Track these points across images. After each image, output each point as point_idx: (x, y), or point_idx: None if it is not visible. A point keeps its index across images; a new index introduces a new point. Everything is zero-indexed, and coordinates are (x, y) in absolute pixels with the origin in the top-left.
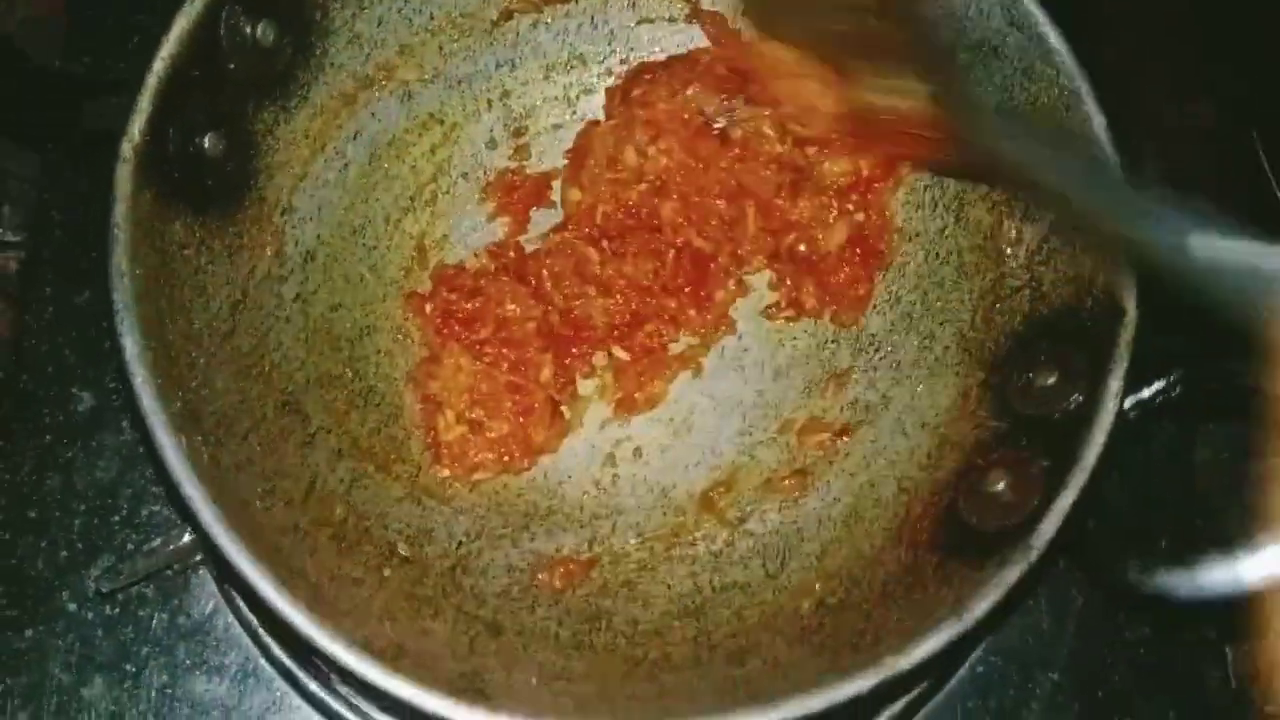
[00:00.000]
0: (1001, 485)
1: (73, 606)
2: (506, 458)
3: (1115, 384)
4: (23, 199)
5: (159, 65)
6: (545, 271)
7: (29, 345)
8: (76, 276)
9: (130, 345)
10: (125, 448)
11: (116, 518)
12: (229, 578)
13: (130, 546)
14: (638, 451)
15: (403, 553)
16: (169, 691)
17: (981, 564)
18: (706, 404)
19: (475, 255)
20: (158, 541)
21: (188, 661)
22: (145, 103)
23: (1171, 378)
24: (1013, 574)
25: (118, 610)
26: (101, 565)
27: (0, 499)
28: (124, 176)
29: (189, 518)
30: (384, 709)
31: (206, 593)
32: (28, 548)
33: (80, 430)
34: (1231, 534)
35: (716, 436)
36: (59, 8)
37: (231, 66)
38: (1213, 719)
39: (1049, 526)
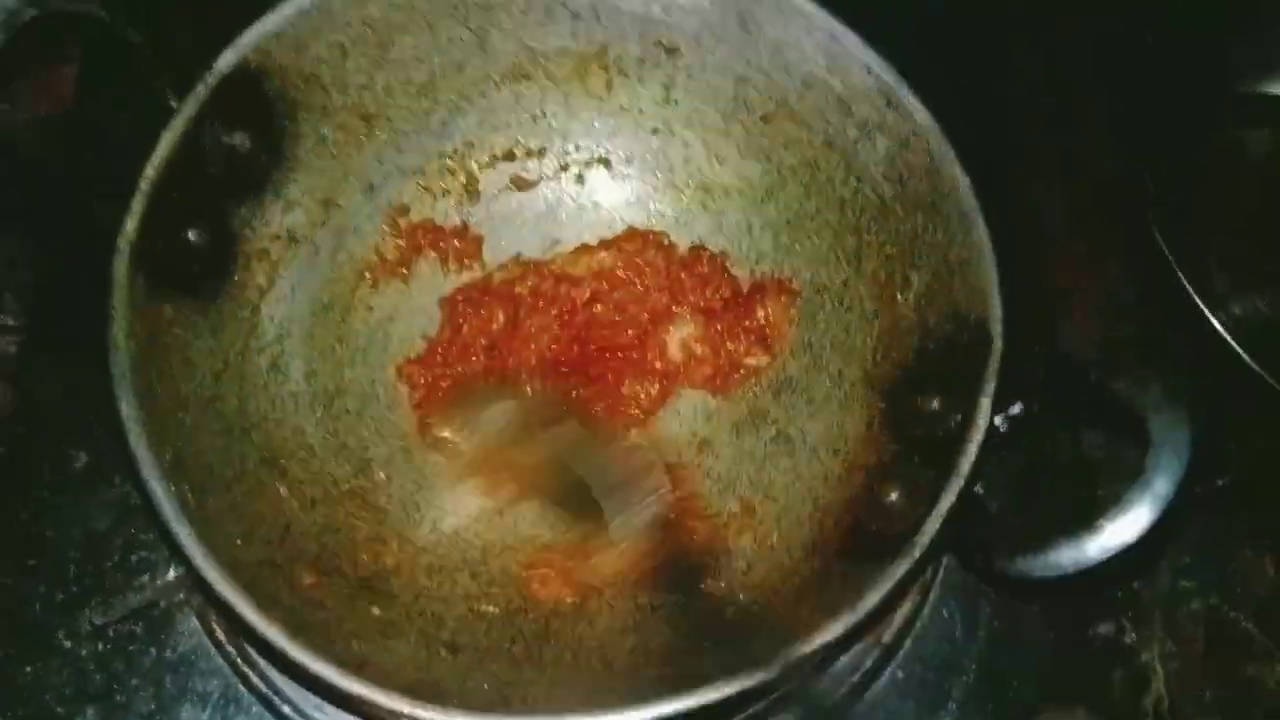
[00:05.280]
0: (895, 496)
1: (68, 644)
2: None
3: (985, 404)
4: (22, 287)
5: (150, 172)
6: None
7: (30, 408)
8: (73, 349)
9: (125, 408)
10: (117, 501)
11: (109, 563)
12: (214, 604)
13: (121, 590)
14: None
15: (371, 585)
16: (156, 718)
17: (879, 564)
18: (644, 446)
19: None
20: (146, 577)
21: (174, 691)
22: (138, 204)
23: (1032, 397)
24: (900, 570)
25: (109, 647)
26: (94, 605)
27: (3, 550)
28: (120, 266)
29: (177, 553)
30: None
31: (191, 629)
32: (27, 592)
33: (76, 485)
34: (1077, 522)
35: (654, 473)
36: (60, 106)
37: (212, 170)
38: (1117, 714)
39: (931, 528)
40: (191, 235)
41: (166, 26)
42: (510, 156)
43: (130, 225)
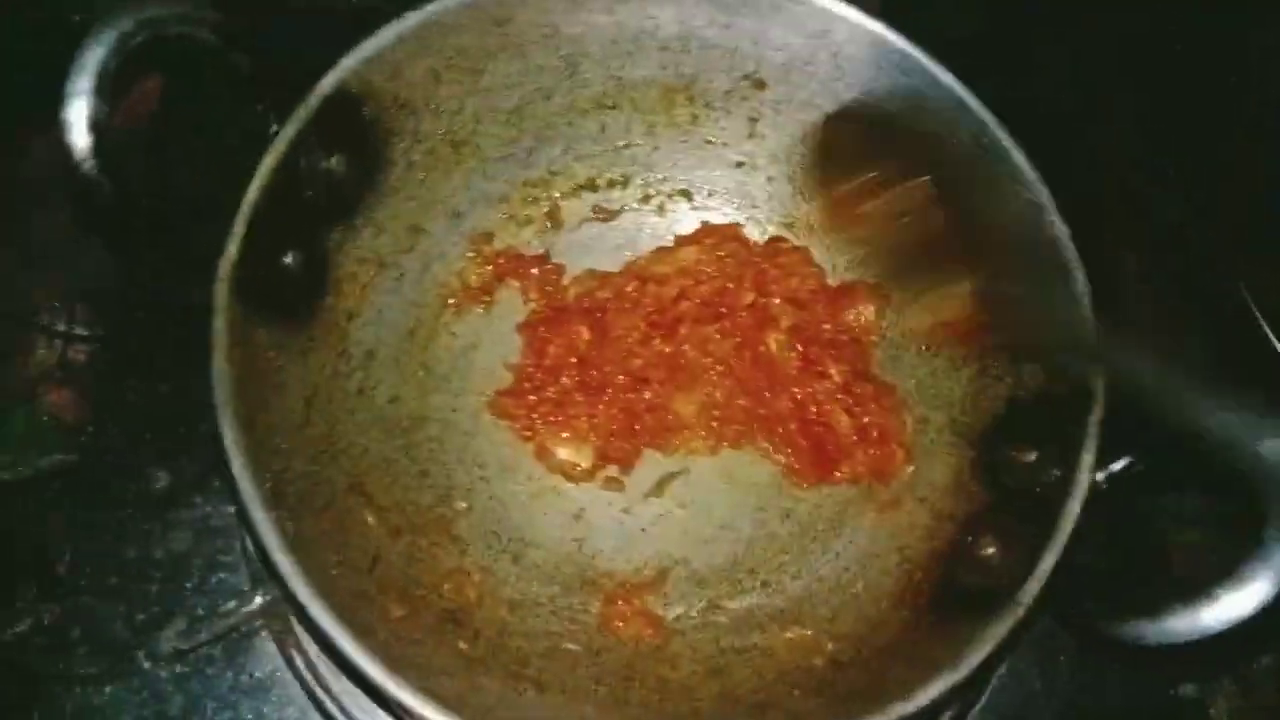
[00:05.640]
0: (992, 550)
1: (148, 665)
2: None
3: (1087, 461)
4: (96, 296)
5: (251, 196)
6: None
7: (112, 429)
8: (157, 367)
9: (229, 435)
10: (197, 522)
11: (189, 584)
12: (313, 635)
13: (201, 611)
14: (661, 528)
15: (457, 618)
16: None
17: (975, 621)
18: (723, 486)
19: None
20: (231, 604)
21: (249, 716)
22: (239, 228)
23: (1137, 454)
24: (1002, 629)
25: (188, 669)
26: (175, 628)
27: (85, 568)
28: (222, 292)
29: (278, 581)
30: None
31: (268, 654)
32: (108, 613)
33: (157, 506)
34: (1192, 586)
35: (734, 515)
36: (140, 121)
37: (309, 195)
38: None
39: (1033, 586)
40: (288, 259)
41: (270, 52)
42: (593, 186)
43: (232, 249)
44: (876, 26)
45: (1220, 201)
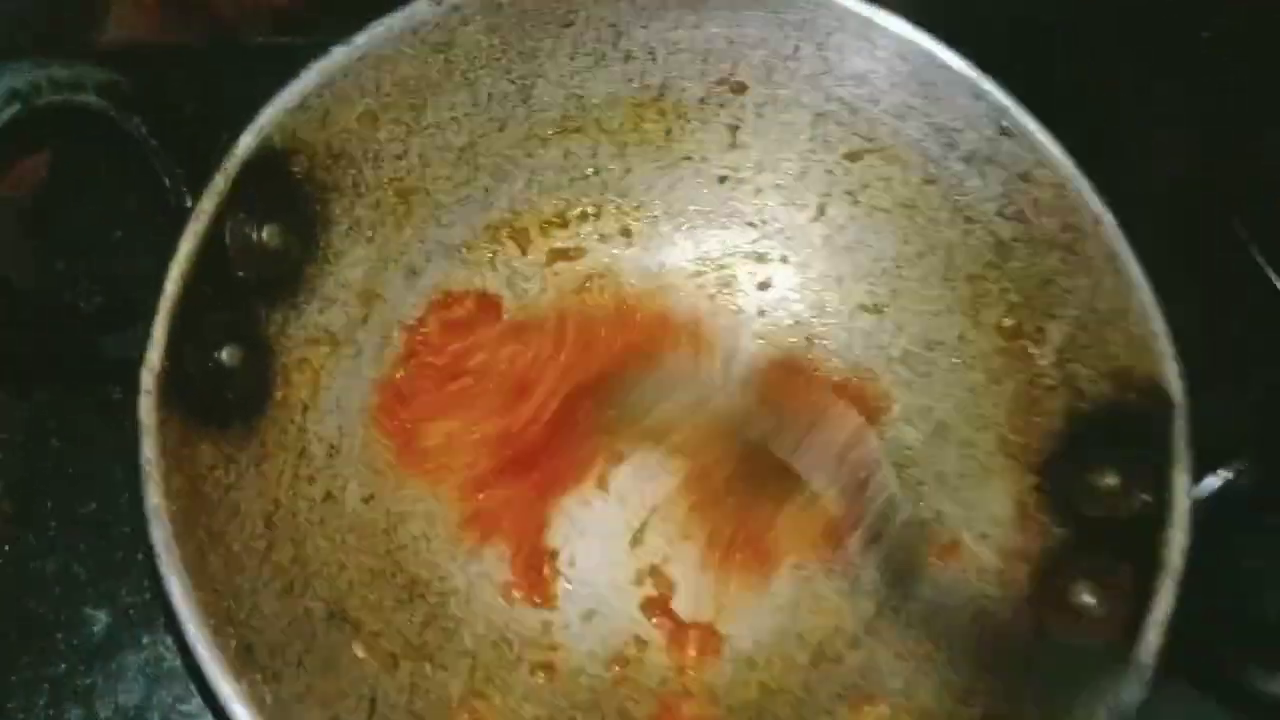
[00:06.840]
0: (1088, 597)
1: None
2: None
3: (1181, 480)
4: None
5: (170, 288)
6: None
7: (33, 565)
8: (79, 485)
9: (178, 590)
10: (147, 665)
11: None
12: None
13: None
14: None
15: None
16: None
17: (1087, 688)
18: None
19: None
20: None
21: None
22: (161, 328)
23: (1239, 464)
24: (1128, 696)
25: None
26: None
27: None
28: (148, 408)
29: None
30: None
31: None
32: None
33: (98, 653)
34: None
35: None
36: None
37: (240, 275)
38: None
39: (1152, 638)
40: (224, 356)
41: (172, 114)
42: (563, 221)
43: (155, 355)
44: (865, 9)
45: None
